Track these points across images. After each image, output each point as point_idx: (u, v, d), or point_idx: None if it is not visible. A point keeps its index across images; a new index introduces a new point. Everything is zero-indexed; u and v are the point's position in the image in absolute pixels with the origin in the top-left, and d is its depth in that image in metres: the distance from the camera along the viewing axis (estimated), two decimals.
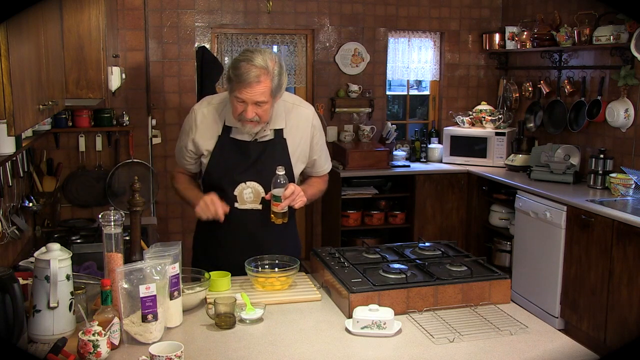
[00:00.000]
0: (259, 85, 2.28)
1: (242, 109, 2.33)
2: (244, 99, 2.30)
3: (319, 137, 2.59)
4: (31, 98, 1.91)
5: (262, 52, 2.32)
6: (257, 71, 2.27)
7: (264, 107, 2.33)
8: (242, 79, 2.27)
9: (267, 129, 2.46)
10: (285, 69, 2.42)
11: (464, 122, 5.76)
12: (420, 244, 2.63)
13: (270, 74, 2.30)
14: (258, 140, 2.47)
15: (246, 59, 2.29)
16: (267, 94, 2.31)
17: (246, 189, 2.48)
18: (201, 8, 5.15)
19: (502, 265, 5.12)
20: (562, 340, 1.99)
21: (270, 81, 2.30)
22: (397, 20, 5.70)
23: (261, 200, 2.48)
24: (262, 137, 2.48)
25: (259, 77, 2.27)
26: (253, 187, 2.48)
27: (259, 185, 2.47)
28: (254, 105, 2.31)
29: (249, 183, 2.47)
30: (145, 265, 1.94)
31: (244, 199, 2.49)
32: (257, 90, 2.28)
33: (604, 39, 4.47)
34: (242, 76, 2.27)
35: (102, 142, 4.73)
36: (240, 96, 2.30)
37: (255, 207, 2.49)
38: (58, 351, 1.72)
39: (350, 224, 5.37)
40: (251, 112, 2.32)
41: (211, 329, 2.02)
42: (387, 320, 1.97)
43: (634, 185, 4.20)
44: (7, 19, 1.56)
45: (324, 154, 2.66)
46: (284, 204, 2.38)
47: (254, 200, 2.49)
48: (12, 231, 2.85)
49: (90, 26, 2.64)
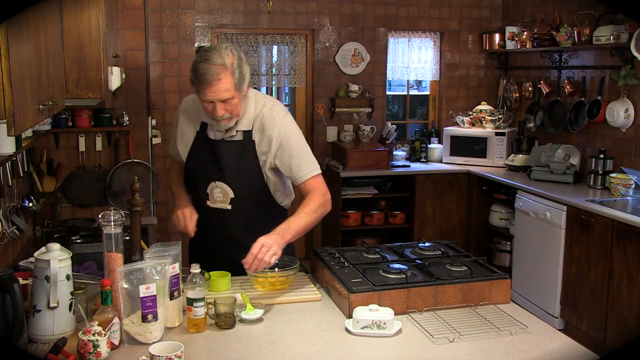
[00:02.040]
0: (220, 82, 2.26)
1: (211, 107, 2.32)
2: (209, 99, 2.29)
3: (286, 141, 2.43)
4: (31, 98, 1.91)
5: (218, 49, 2.30)
6: (216, 69, 2.25)
7: (232, 102, 2.32)
8: (203, 79, 2.25)
9: (235, 130, 2.43)
10: (245, 60, 2.37)
11: (464, 122, 5.76)
12: (420, 244, 2.63)
13: (230, 69, 2.27)
14: (226, 140, 2.46)
15: (204, 59, 2.27)
16: (232, 89, 2.29)
17: (215, 188, 2.49)
18: (201, 8, 5.15)
19: (502, 265, 5.12)
20: (562, 340, 1.99)
21: (231, 76, 2.28)
22: (397, 20, 5.70)
23: (230, 201, 2.48)
24: (231, 137, 2.46)
25: (219, 75, 2.25)
26: (222, 187, 2.48)
27: (227, 185, 2.47)
28: (221, 103, 2.30)
29: (218, 183, 2.48)
30: (145, 265, 1.94)
31: (214, 197, 2.50)
32: (220, 87, 2.26)
33: (604, 39, 4.47)
34: (202, 77, 2.25)
35: (102, 142, 4.73)
36: (205, 97, 2.29)
37: (224, 207, 2.49)
38: (58, 351, 1.72)
39: (350, 224, 5.37)
40: (220, 110, 2.31)
41: (211, 329, 2.02)
42: (387, 320, 1.97)
43: (634, 185, 4.20)
44: (7, 19, 1.56)
45: (301, 157, 2.45)
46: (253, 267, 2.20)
47: (223, 200, 2.49)
48: (12, 231, 2.85)
49: (90, 26, 2.64)
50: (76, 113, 4.51)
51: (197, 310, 1.98)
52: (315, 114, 5.58)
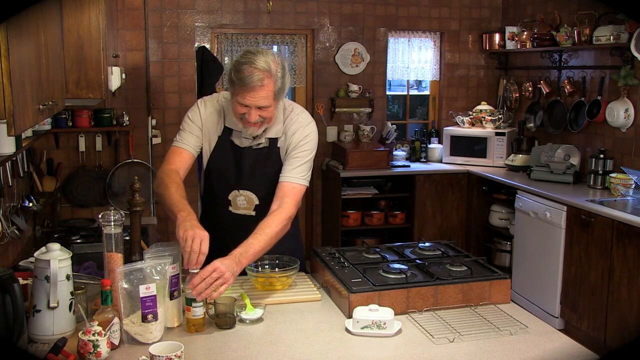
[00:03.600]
0: (262, 89, 2.19)
1: (244, 111, 2.26)
2: (246, 103, 2.23)
3: (301, 144, 2.39)
4: (31, 98, 1.91)
5: (265, 54, 2.23)
6: (260, 74, 2.18)
7: (267, 110, 2.26)
8: (245, 82, 2.18)
9: (263, 137, 2.40)
10: (288, 69, 2.35)
11: (464, 122, 5.76)
12: (420, 244, 2.63)
13: (274, 76, 2.21)
14: (253, 147, 2.43)
15: (248, 62, 2.19)
16: (271, 97, 2.23)
17: (239, 196, 2.47)
18: (201, 8, 5.15)
19: (502, 265, 5.12)
20: (562, 340, 1.99)
21: (273, 84, 2.22)
22: (397, 20, 5.70)
23: (254, 207, 2.47)
24: (257, 145, 2.42)
25: (262, 81, 2.18)
26: (246, 195, 2.46)
27: (252, 193, 2.45)
28: (257, 109, 2.24)
29: (242, 191, 2.46)
30: (145, 265, 1.94)
31: (237, 205, 2.49)
32: (260, 94, 2.20)
33: (603, 39, 4.47)
34: (244, 80, 2.18)
35: (102, 142, 4.73)
36: (243, 101, 2.23)
37: (248, 213, 2.48)
38: (58, 351, 1.72)
39: (350, 224, 5.37)
40: (254, 116, 2.25)
41: (211, 329, 2.02)
42: (387, 320, 1.97)
43: (634, 185, 4.20)
44: (7, 19, 1.56)
45: (300, 163, 2.38)
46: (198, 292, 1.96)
47: (247, 207, 2.48)
48: (12, 231, 2.85)
49: (90, 26, 2.64)
50: (76, 113, 4.51)
51: (196, 310, 1.98)
52: (315, 113, 5.58)
